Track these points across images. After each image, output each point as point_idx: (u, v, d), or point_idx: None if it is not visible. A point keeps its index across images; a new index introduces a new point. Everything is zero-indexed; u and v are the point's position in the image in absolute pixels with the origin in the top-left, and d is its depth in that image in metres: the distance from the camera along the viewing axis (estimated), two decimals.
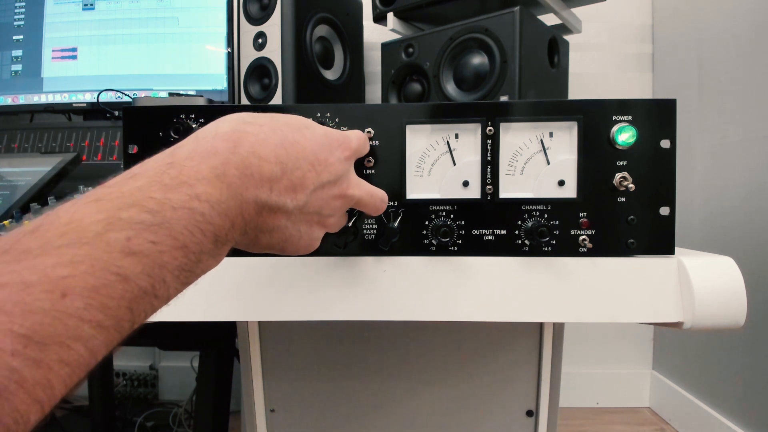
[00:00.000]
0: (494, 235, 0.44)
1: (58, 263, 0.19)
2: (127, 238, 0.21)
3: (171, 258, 0.22)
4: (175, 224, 0.23)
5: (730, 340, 1.13)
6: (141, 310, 0.22)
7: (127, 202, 0.22)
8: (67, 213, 0.21)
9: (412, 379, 0.71)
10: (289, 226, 0.31)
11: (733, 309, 0.40)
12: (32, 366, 0.17)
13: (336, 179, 0.34)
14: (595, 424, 1.38)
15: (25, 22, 1.06)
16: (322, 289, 0.43)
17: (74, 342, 0.18)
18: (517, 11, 0.76)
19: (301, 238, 0.33)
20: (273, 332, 0.70)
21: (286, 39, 0.85)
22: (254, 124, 0.30)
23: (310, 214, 0.33)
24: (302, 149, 0.31)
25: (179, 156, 0.26)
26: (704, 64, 1.23)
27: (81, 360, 0.19)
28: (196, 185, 0.25)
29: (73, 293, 0.19)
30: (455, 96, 0.84)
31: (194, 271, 0.25)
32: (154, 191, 0.23)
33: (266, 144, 0.29)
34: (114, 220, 0.21)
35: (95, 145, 0.94)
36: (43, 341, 0.17)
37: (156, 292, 0.22)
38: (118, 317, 0.20)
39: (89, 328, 0.19)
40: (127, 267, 0.20)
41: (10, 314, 0.17)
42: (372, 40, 1.20)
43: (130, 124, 0.45)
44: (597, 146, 0.43)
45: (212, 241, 0.25)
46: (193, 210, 0.24)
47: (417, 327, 0.70)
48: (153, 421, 1.25)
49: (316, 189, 0.32)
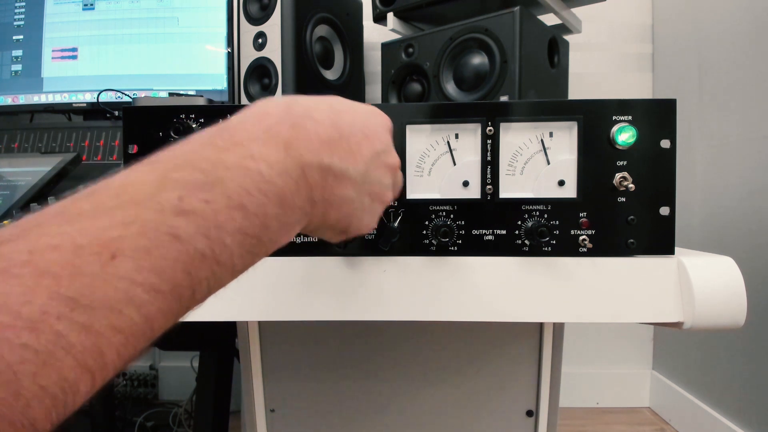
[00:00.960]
0: (494, 235, 0.44)
1: (110, 225, 0.18)
2: (179, 198, 0.20)
3: (228, 218, 0.21)
4: (229, 183, 0.22)
5: (730, 340, 1.13)
6: (202, 277, 0.21)
7: (179, 163, 0.21)
8: (122, 176, 0.21)
9: (412, 379, 0.71)
10: (355, 198, 0.30)
11: (733, 309, 0.40)
12: (80, 331, 0.16)
13: (387, 148, 0.33)
14: (595, 424, 1.38)
15: (25, 22, 1.06)
16: (322, 289, 0.43)
17: (126, 306, 0.18)
18: (517, 11, 0.76)
19: (365, 212, 0.32)
20: (273, 332, 0.70)
21: (286, 39, 0.85)
22: (302, 98, 0.29)
23: (372, 184, 0.32)
24: (352, 117, 0.30)
25: (231, 122, 0.26)
26: (704, 64, 1.23)
27: (135, 327, 0.18)
28: (250, 145, 0.24)
29: (123, 255, 0.18)
30: (455, 96, 0.84)
31: (261, 239, 0.23)
32: (207, 152, 0.22)
33: (319, 109, 0.28)
34: (166, 180, 0.20)
35: (95, 145, 0.94)
36: (91, 305, 0.17)
37: (217, 258, 0.21)
38: (175, 281, 0.19)
39: (142, 291, 0.18)
40: (181, 227, 0.20)
41: (57, 277, 0.16)
42: (372, 40, 1.20)
43: (130, 124, 0.45)
44: (597, 146, 0.43)
45: (277, 204, 0.24)
46: (249, 169, 0.23)
47: (417, 327, 0.70)
48: (153, 421, 1.25)
49: (372, 157, 0.31)
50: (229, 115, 0.43)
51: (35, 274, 0.16)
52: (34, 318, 0.16)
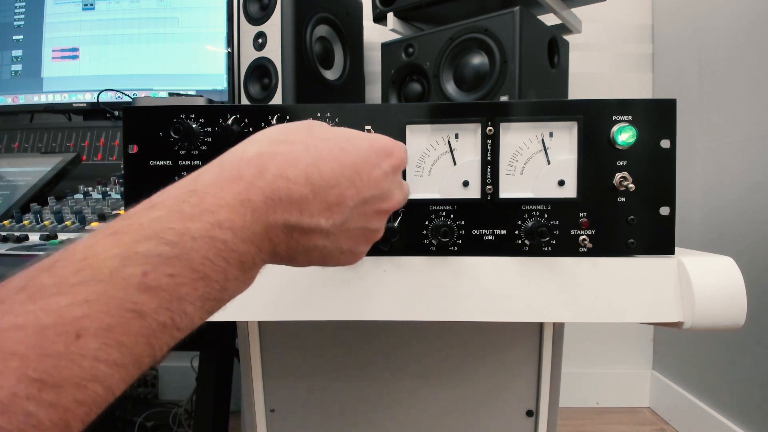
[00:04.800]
0: (494, 235, 0.44)
1: (73, 302, 0.19)
2: (143, 273, 0.20)
3: (191, 289, 0.22)
4: (194, 255, 0.22)
5: (730, 340, 1.13)
6: (162, 343, 0.21)
7: (145, 235, 0.21)
8: (84, 248, 0.21)
9: (412, 379, 0.71)
10: (327, 244, 0.29)
11: (733, 309, 0.40)
12: (48, 409, 0.17)
13: (380, 194, 0.31)
14: (595, 424, 1.38)
15: (25, 22, 1.06)
16: (322, 289, 0.43)
17: (90, 382, 0.18)
18: (517, 11, 0.76)
19: (342, 254, 0.31)
20: (273, 332, 0.70)
21: (286, 39, 0.85)
22: (286, 142, 0.28)
23: (353, 230, 0.31)
24: (340, 165, 0.29)
25: (202, 183, 0.25)
26: (704, 64, 1.23)
27: (97, 398, 0.19)
28: (218, 212, 0.24)
29: (87, 334, 0.18)
30: (455, 96, 0.84)
31: (221, 299, 0.24)
32: (173, 221, 0.22)
33: (296, 164, 0.27)
34: (130, 254, 0.20)
35: (95, 145, 0.94)
36: (58, 384, 0.17)
37: (177, 325, 0.21)
38: (136, 354, 0.20)
39: (105, 367, 0.19)
40: (144, 302, 0.20)
41: (24, 358, 0.17)
42: (372, 40, 1.20)
43: (130, 124, 0.45)
44: (597, 146, 0.43)
45: (238, 268, 0.24)
46: (214, 238, 0.23)
47: (417, 327, 0.70)
48: (153, 421, 1.25)
49: (357, 205, 0.30)
50: (228, 116, 0.44)
51: (2, 357, 0.17)
52: (4, 401, 0.16)
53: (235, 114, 0.44)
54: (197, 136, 0.44)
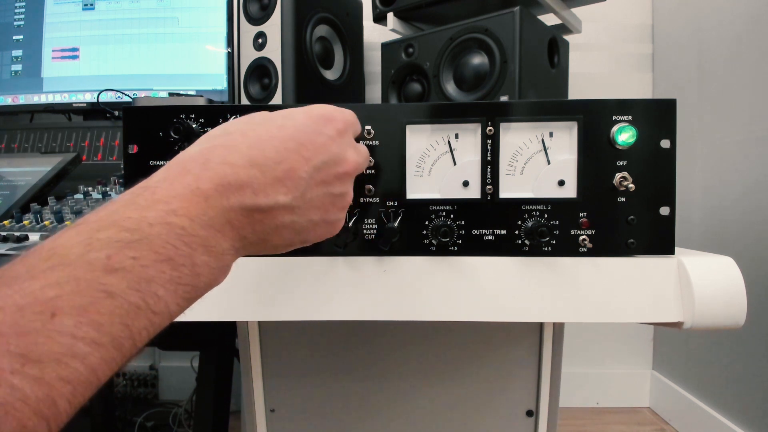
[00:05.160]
0: (494, 235, 0.44)
1: (46, 285, 0.20)
2: (107, 257, 0.21)
3: (158, 272, 0.22)
4: (155, 239, 0.23)
5: (730, 340, 1.13)
6: (140, 327, 0.22)
7: (104, 224, 0.23)
8: (50, 241, 0.22)
9: (412, 379, 0.71)
10: (295, 219, 0.30)
11: (733, 309, 0.40)
12: (33, 383, 0.18)
13: (332, 158, 0.32)
14: (595, 424, 1.38)
15: (25, 22, 1.06)
16: (322, 289, 0.43)
17: (71, 359, 0.19)
18: (517, 11, 0.76)
19: (317, 225, 0.32)
20: (273, 332, 0.70)
21: (286, 39, 0.85)
22: (223, 135, 0.30)
23: (316, 199, 0.31)
24: (281, 141, 0.30)
25: (152, 181, 0.26)
26: (704, 64, 1.23)
27: (81, 378, 0.19)
28: (171, 202, 0.25)
29: (62, 313, 0.19)
30: (455, 96, 0.84)
31: (196, 286, 0.25)
32: (130, 212, 0.23)
33: (237, 150, 0.28)
34: (93, 240, 0.22)
35: (95, 145, 0.94)
36: (39, 359, 0.18)
37: (151, 308, 0.22)
38: (113, 334, 0.20)
39: (83, 345, 0.19)
40: (112, 284, 0.21)
41: (5, 336, 0.18)
42: (372, 40, 1.20)
43: (130, 124, 0.45)
44: (597, 146, 0.43)
45: (204, 253, 0.25)
46: (172, 224, 0.24)
47: (417, 327, 0.70)
48: (153, 421, 1.25)
49: (310, 175, 0.30)
50: (229, 115, 0.44)
51: None
52: None
53: (235, 114, 0.44)
54: (197, 136, 0.43)
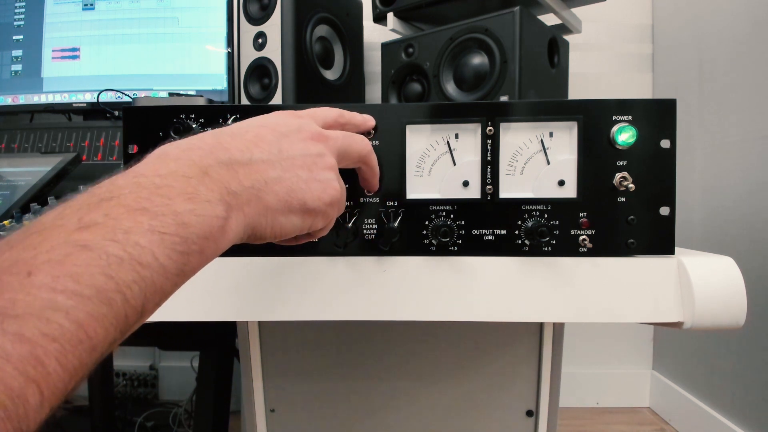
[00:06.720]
0: (494, 235, 0.44)
1: (22, 249, 0.20)
2: (78, 219, 0.21)
3: (134, 222, 0.22)
4: (126, 197, 0.23)
5: (730, 340, 1.13)
6: (128, 280, 0.21)
7: (76, 199, 0.23)
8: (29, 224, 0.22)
9: (412, 379, 0.71)
10: (281, 174, 0.30)
11: (733, 309, 0.40)
12: (14, 340, 0.17)
13: (295, 128, 0.33)
14: (595, 424, 1.38)
15: (25, 22, 1.06)
16: (322, 289, 0.43)
17: (52, 313, 0.18)
18: (517, 11, 0.76)
19: (309, 183, 0.31)
20: (273, 332, 0.70)
21: (286, 39, 0.85)
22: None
23: (296, 158, 0.31)
24: (245, 123, 0.32)
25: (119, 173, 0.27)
26: (704, 64, 1.23)
27: (68, 335, 0.19)
28: (139, 168, 0.25)
29: (38, 271, 0.19)
30: (455, 96, 0.84)
31: (185, 236, 0.23)
32: (101, 183, 0.24)
33: (203, 137, 0.29)
34: (63, 210, 0.22)
35: (95, 145, 0.94)
36: (18, 315, 0.18)
37: (137, 258, 0.21)
38: (96, 285, 0.20)
39: (64, 298, 0.19)
40: (86, 238, 0.21)
41: None
42: (372, 40, 1.20)
43: (130, 124, 0.45)
44: (597, 146, 0.43)
45: (185, 200, 0.24)
46: (140, 183, 0.24)
47: (417, 327, 0.70)
48: (153, 421, 1.25)
49: (279, 138, 0.31)
50: (228, 116, 0.44)
51: None
52: None
53: (235, 114, 0.44)
54: None
